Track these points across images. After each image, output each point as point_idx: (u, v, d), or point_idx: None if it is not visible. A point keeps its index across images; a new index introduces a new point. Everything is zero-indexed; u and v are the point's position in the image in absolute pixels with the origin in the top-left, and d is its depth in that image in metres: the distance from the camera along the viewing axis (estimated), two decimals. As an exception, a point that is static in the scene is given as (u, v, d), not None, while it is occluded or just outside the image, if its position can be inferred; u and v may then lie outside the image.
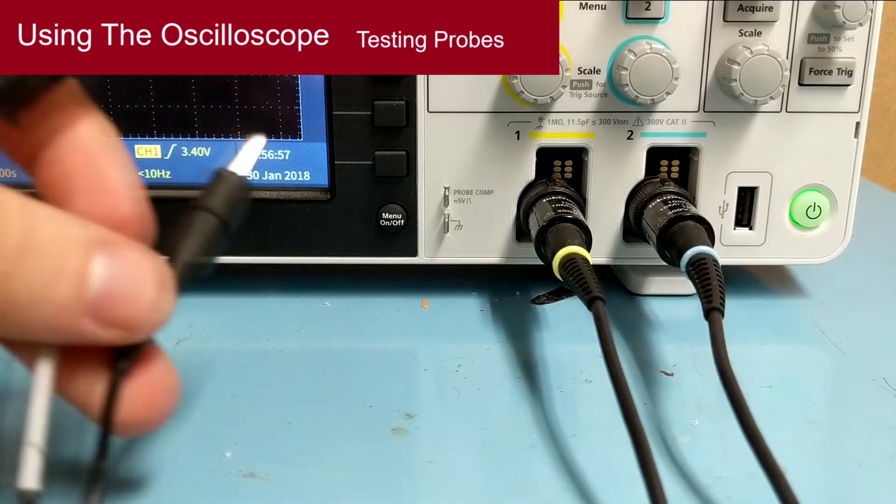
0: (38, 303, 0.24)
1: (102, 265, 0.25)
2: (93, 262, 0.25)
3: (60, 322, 0.24)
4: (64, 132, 0.28)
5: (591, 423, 0.36)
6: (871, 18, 0.42)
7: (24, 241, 0.24)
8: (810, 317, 0.46)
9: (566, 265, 0.39)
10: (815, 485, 0.32)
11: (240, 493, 0.31)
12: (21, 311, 0.24)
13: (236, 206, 0.30)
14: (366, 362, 0.41)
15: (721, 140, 0.45)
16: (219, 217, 0.29)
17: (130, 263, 0.26)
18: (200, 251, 0.29)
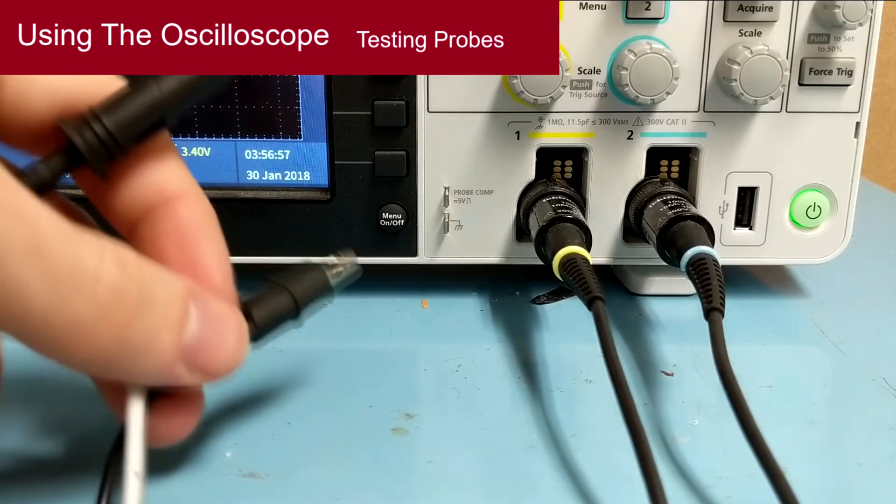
0: (146, 349, 0.26)
1: (196, 316, 0.27)
2: (189, 313, 0.27)
3: (159, 366, 0.26)
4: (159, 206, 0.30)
5: (591, 423, 0.36)
6: (871, 18, 0.42)
7: (141, 292, 0.25)
8: (810, 317, 0.46)
9: (566, 265, 0.39)
10: (815, 485, 0.32)
11: (240, 493, 0.31)
12: (131, 356, 0.26)
13: (314, 303, 0.34)
14: (366, 362, 0.41)
15: (721, 140, 0.45)
16: (296, 304, 0.33)
17: (217, 315, 0.28)
18: (269, 322, 0.32)
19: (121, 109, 0.28)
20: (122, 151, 0.29)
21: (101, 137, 0.28)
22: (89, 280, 0.24)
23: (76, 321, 0.24)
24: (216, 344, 0.28)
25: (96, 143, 0.28)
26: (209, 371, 0.28)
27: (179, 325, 0.26)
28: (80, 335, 0.24)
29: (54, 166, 0.28)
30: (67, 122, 0.28)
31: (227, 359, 0.28)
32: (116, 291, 0.24)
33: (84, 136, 0.28)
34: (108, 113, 0.28)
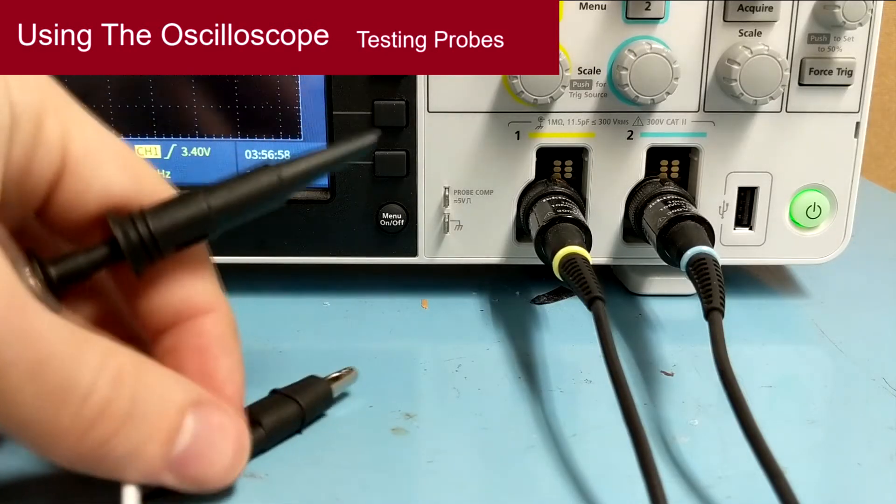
0: (130, 458, 0.27)
1: (191, 428, 0.28)
2: (184, 425, 0.27)
3: (144, 474, 0.27)
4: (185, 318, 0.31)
5: (591, 423, 0.36)
6: (871, 18, 0.42)
7: (131, 407, 0.26)
8: (810, 317, 0.46)
9: (566, 265, 0.39)
10: (815, 485, 0.32)
11: (240, 493, 0.31)
12: (114, 463, 0.26)
13: (317, 410, 0.35)
14: (366, 362, 0.41)
15: (721, 140, 0.45)
16: (303, 413, 0.34)
17: (216, 428, 0.29)
18: (276, 428, 0.33)
19: (167, 215, 0.29)
20: (160, 255, 0.29)
21: (143, 238, 0.29)
22: (79, 397, 0.25)
23: (60, 431, 0.25)
24: (210, 457, 0.28)
25: (137, 243, 0.29)
26: (200, 483, 0.29)
27: (169, 438, 0.27)
28: (64, 443, 0.25)
29: (93, 258, 0.29)
30: (114, 218, 0.29)
31: (221, 471, 0.29)
32: (105, 406, 0.25)
33: (128, 233, 0.29)
34: (154, 216, 0.29)
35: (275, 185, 0.31)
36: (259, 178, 0.31)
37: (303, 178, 0.31)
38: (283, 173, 0.31)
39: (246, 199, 0.31)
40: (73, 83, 0.44)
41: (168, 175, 0.46)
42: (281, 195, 0.31)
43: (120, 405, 0.26)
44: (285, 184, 0.31)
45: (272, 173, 0.31)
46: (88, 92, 0.44)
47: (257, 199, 0.31)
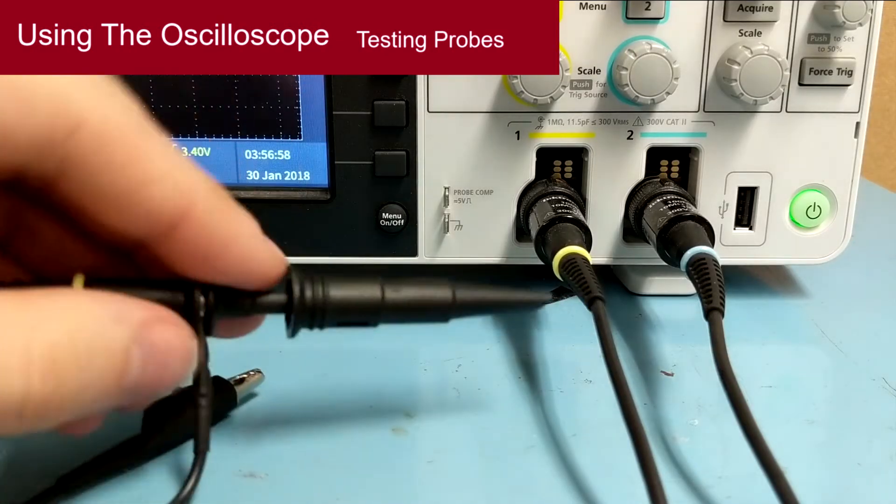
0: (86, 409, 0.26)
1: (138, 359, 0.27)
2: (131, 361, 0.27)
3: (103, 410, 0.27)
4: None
5: (591, 423, 0.36)
6: (871, 18, 0.42)
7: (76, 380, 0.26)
8: (810, 317, 0.46)
9: (566, 265, 0.39)
10: (815, 485, 0.32)
11: (240, 493, 0.31)
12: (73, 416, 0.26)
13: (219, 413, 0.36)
14: (366, 362, 0.41)
15: (721, 140, 0.45)
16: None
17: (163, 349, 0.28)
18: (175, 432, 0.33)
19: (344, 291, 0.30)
20: (320, 326, 0.30)
21: (315, 304, 0.30)
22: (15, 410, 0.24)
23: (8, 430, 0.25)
24: (159, 376, 0.28)
25: (309, 306, 0.30)
26: (154, 395, 0.29)
27: (119, 380, 0.27)
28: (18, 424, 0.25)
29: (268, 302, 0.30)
30: (297, 274, 0.30)
31: (171, 382, 0.29)
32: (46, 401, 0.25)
33: (304, 294, 0.30)
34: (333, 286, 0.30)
35: (446, 303, 0.32)
36: (436, 289, 0.32)
37: (474, 306, 0.32)
38: (458, 295, 0.32)
39: (415, 304, 0.31)
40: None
41: (168, 175, 0.46)
42: (447, 314, 0.32)
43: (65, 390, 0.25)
44: (456, 306, 0.32)
45: (448, 291, 0.32)
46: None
47: (425, 308, 0.32)
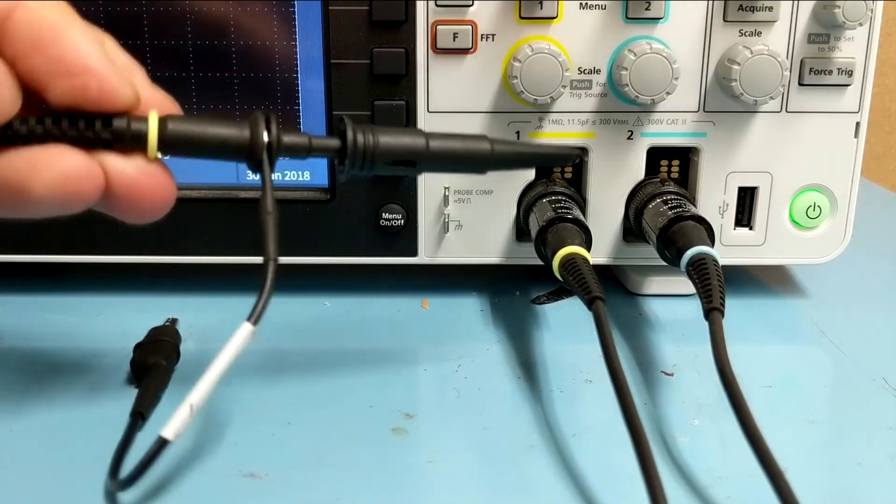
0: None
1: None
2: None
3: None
4: None
5: (591, 423, 0.36)
6: (871, 18, 0.42)
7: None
8: (810, 317, 0.46)
9: (566, 265, 0.39)
10: (815, 485, 0.32)
11: (240, 493, 0.31)
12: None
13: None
14: (366, 362, 0.41)
15: (721, 140, 0.45)
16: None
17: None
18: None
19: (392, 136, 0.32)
20: (371, 168, 0.32)
21: (366, 147, 0.32)
22: None
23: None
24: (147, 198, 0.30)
25: (361, 149, 0.32)
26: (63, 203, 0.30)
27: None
28: None
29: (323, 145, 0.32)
30: (348, 121, 0.32)
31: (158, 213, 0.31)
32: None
33: (357, 138, 0.32)
34: (381, 132, 0.32)
35: (485, 153, 0.33)
36: (475, 142, 0.34)
37: (510, 159, 0.34)
38: (496, 147, 0.34)
39: (457, 153, 0.33)
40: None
41: (168, 175, 0.46)
42: (484, 165, 0.34)
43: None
44: (494, 157, 0.34)
45: (486, 143, 0.34)
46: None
47: (465, 158, 0.33)
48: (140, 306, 0.47)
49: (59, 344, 0.43)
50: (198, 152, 0.31)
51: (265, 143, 0.31)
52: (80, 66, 0.29)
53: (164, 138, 0.30)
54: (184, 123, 0.30)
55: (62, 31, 0.29)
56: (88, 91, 0.29)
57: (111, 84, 0.29)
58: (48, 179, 0.28)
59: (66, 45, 0.29)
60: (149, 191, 0.30)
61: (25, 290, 0.48)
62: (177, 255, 0.46)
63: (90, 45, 0.29)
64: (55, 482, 0.31)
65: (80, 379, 0.39)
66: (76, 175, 0.29)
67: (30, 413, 0.36)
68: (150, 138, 0.30)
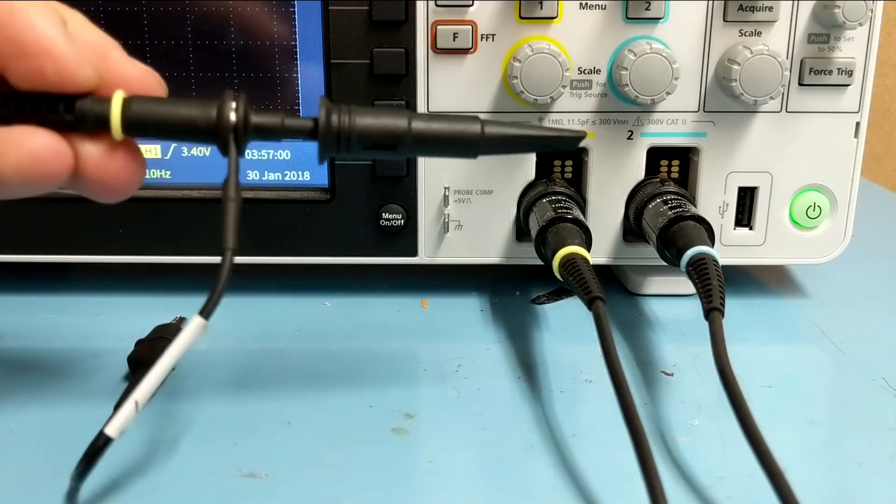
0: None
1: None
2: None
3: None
4: None
5: (591, 423, 0.36)
6: (871, 18, 0.42)
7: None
8: (810, 317, 0.46)
9: (566, 265, 0.39)
10: (815, 485, 0.32)
11: (240, 493, 0.31)
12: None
13: None
14: (366, 362, 0.41)
15: (721, 140, 0.45)
16: None
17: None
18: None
19: (371, 117, 0.31)
20: (348, 150, 0.31)
21: (342, 127, 0.30)
22: None
23: None
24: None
25: (335, 129, 0.30)
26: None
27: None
28: None
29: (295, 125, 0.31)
30: (325, 102, 0.31)
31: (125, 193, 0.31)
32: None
33: (331, 118, 0.30)
34: (359, 113, 0.31)
35: (475, 136, 0.31)
36: (464, 123, 0.31)
37: (504, 142, 0.32)
38: (487, 129, 0.31)
39: (443, 135, 0.31)
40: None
41: (168, 175, 0.46)
42: (475, 148, 0.31)
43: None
44: (485, 139, 0.31)
45: (477, 125, 0.31)
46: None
47: (453, 140, 0.31)
48: (140, 306, 0.47)
49: (59, 344, 0.43)
50: (164, 133, 0.30)
51: (232, 123, 0.30)
52: (34, 47, 0.28)
53: (129, 119, 0.29)
54: (149, 104, 0.30)
55: (18, 10, 0.28)
56: (45, 72, 0.28)
57: (68, 65, 0.29)
58: (16, 160, 0.28)
59: (21, 24, 0.28)
60: (115, 172, 0.30)
61: (25, 290, 0.48)
62: (177, 255, 0.46)
63: (47, 25, 0.28)
64: (55, 482, 0.31)
65: (80, 379, 0.39)
66: (44, 155, 0.29)
67: (29, 413, 0.36)
68: (114, 120, 0.29)
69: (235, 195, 0.29)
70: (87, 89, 0.29)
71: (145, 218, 0.45)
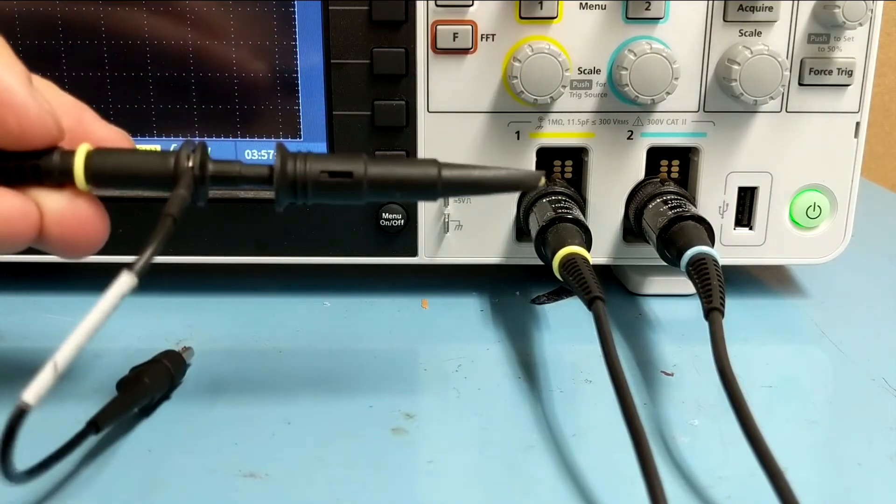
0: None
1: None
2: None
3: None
4: None
5: (591, 423, 0.36)
6: (871, 18, 0.42)
7: None
8: (810, 317, 0.46)
9: (566, 265, 0.39)
10: (815, 485, 0.32)
11: (240, 493, 0.31)
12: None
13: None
14: (366, 362, 0.41)
15: (721, 140, 0.45)
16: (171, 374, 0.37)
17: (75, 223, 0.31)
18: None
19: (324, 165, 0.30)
20: (305, 198, 0.31)
21: (297, 176, 0.30)
22: None
23: None
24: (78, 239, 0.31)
25: (291, 177, 0.30)
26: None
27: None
28: None
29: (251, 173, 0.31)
30: (278, 147, 0.31)
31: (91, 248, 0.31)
32: None
33: (286, 166, 0.30)
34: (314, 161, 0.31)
35: (432, 178, 0.31)
36: (420, 166, 0.31)
37: (460, 185, 0.31)
38: (444, 172, 0.31)
39: (400, 179, 0.31)
40: (77, 81, 0.44)
41: (168, 175, 0.46)
42: (433, 191, 0.31)
43: None
44: (442, 182, 0.31)
45: (434, 168, 0.31)
46: (89, 91, 0.44)
47: (410, 183, 0.31)
48: (140, 306, 0.46)
49: (58, 344, 0.43)
50: (127, 184, 0.31)
51: (189, 168, 0.30)
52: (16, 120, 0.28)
53: (92, 169, 0.30)
54: (112, 155, 0.30)
55: None
56: (8, 125, 0.28)
57: (30, 117, 0.29)
58: None
59: None
60: (79, 226, 0.30)
61: (25, 290, 0.48)
62: (177, 255, 0.46)
63: (10, 78, 0.29)
64: (55, 482, 0.31)
65: (79, 379, 0.39)
66: (10, 216, 0.29)
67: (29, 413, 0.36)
68: (77, 169, 0.30)
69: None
70: (49, 143, 0.29)
71: (145, 218, 0.45)
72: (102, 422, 0.33)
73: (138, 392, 0.35)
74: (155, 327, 0.43)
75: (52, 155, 0.30)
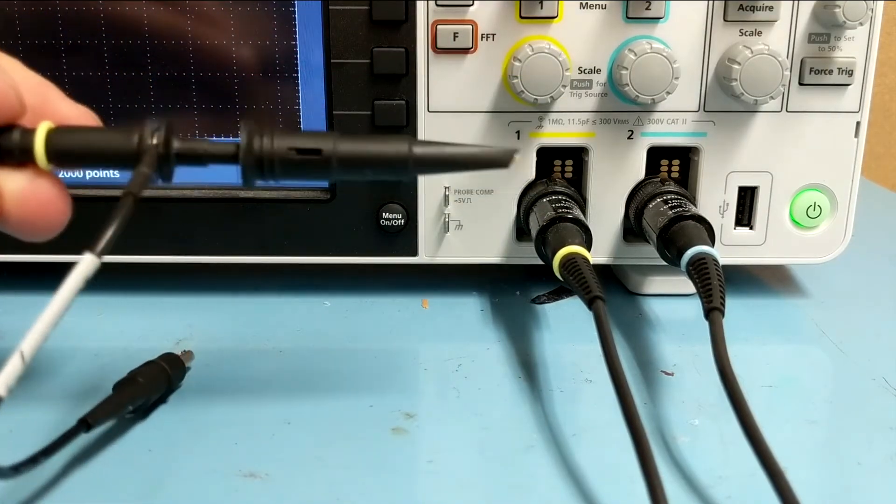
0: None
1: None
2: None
3: None
4: None
5: (591, 423, 0.36)
6: (871, 18, 0.42)
7: None
8: (810, 317, 0.46)
9: (566, 265, 0.39)
10: (815, 485, 0.32)
11: (240, 493, 0.31)
12: None
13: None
14: (366, 362, 0.41)
15: (721, 140, 0.45)
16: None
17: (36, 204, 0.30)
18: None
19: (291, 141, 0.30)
20: (272, 174, 0.30)
21: (263, 152, 0.30)
22: None
23: None
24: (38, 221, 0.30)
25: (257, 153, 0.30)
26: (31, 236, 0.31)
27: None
28: None
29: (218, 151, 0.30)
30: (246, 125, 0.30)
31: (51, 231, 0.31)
32: None
33: (252, 143, 0.30)
34: (280, 137, 0.30)
35: (402, 155, 0.30)
36: (391, 143, 0.30)
37: (432, 162, 0.31)
38: (414, 148, 0.30)
39: (369, 157, 0.30)
40: (76, 80, 0.44)
41: (168, 175, 0.46)
42: (404, 169, 0.31)
43: None
44: (413, 158, 0.30)
45: (405, 144, 0.30)
46: (89, 91, 0.44)
47: (380, 160, 0.30)
48: (140, 306, 0.47)
49: (59, 344, 0.43)
50: (89, 161, 0.30)
51: (153, 145, 0.29)
52: None
53: (53, 147, 0.29)
54: (73, 133, 0.30)
55: None
56: None
57: None
58: None
59: None
60: (40, 206, 0.30)
61: (25, 290, 0.48)
62: (177, 255, 0.46)
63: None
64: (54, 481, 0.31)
65: (79, 379, 0.39)
66: None
67: (29, 413, 0.36)
68: (37, 147, 0.29)
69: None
70: (10, 117, 0.29)
71: (145, 218, 0.45)
72: (94, 420, 0.33)
73: (132, 392, 0.35)
74: (155, 327, 0.43)
75: (13, 133, 0.29)
